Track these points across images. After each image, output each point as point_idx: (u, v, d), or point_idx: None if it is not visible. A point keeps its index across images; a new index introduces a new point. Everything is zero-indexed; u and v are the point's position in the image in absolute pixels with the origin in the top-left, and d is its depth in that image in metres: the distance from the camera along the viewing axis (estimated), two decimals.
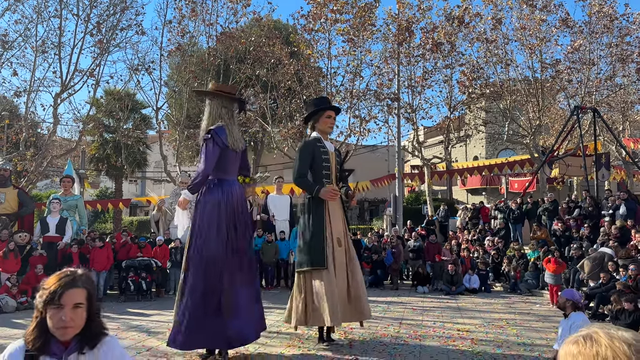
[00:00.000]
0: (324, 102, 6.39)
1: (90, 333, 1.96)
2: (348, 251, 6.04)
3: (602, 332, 1.16)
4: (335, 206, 6.04)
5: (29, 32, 15.96)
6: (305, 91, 18.22)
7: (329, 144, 6.30)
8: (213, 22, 18.33)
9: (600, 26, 18.64)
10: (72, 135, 22.33)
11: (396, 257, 12.61)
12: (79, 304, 1.90)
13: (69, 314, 1.87)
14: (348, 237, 6.18)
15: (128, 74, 18.22)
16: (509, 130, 20.35)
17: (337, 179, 6.25)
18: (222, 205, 5.29)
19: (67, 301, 1.87)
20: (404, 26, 18.04)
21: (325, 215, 5.90)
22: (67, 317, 1.86)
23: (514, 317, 8.31)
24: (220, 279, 5.11)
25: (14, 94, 16.31)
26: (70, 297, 1.88)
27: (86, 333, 1.95)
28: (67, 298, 1.87)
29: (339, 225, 6.00)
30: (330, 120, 6.20)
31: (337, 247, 5.86)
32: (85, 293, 1.94)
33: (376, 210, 31.18)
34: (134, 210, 34.56)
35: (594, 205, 13.34)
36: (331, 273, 5.69)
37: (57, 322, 1.87)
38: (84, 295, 1.93)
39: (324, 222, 5.86)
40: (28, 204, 11.10)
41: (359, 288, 5.96)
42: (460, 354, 5.69)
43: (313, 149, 6.00)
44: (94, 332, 1.97)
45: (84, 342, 1.95)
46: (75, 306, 1.89)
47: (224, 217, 5.26)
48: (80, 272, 1.99)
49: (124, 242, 11.20)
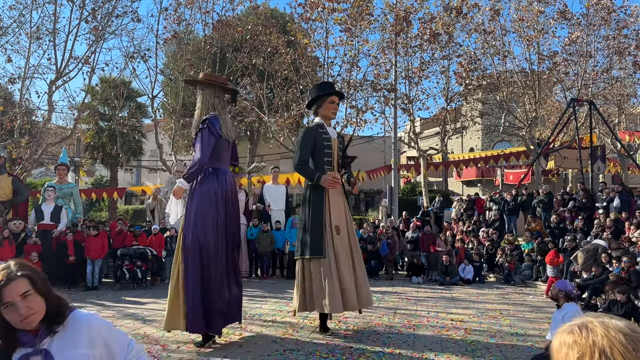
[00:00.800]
0: (328, 87, 6.30)
1: (52, 312, 1.91)
2: (351, 238, 5.96)
3: (596, 321, 1.16)
4: (336, 194, 5.96)
5: (23, 18, 15.80)
6: (302, 81, 18.14)
7: (332, 129, 6.19)
8: (209, 10, 18.20)
9: (597, 18, 18.60)
10: (67, 123, 22.27)
11: (391, 248, 12.65)
12: (25, 292, 1.83)
13: (22, 305, 1.81)
14: (351, 225, 6.09)
15: (123, 61, 18.09)
16: (505, 122, 20.35)
17: (339, 166, 6.14)
18: (219, 194, 5.36)
19: (12, 296, 1.81)
20: (401, 16, 17.95)
21: (325, 203, 5.85)
22: (22, 309, 1.81)
23: (508, 308, 8.37)
24: (217, 268, 5.30)
25: (9, 80, 16.18)
26: (12, 291, 1.81)
27: (48, 313, 1.90)
28: (9, 293, 1.81)
29: (339, 213, 5.92)
30: (334, 105, 6.10)
31: (336, 235, 5.79)
32: (26, 280, 1.86)
33: (372, 201, 31.22)
34: (130, 199, 34.48)
35: (588, 197, 13.40)
36: (331, 262, 5.67)
37: (17, 318, 1.81)
38: (26, 283, 1.85)
39: (323, 210, 5.81)
40: (22, 191, 11.05)
41: (363, 277, 5.93)
42: (454, 344, 5.73)
43: (315, 135, 5.91)
44: (54, 309, 1.91)
45: (51, 323, 1.90)
46: (24, 296, 1.82)
47: (222, 206, 5.36)
48: (13, 263, 1.92)
49: (119, 230, 11.19)
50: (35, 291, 1.86)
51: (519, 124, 20.39)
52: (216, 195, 5.37)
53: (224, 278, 5.36)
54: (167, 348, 5.34)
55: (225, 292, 5.35)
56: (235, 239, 5.63)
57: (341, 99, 6.44)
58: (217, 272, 5.29)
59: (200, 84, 5.64)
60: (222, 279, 5.35)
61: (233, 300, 5.49)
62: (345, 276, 5.71)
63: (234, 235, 5.56)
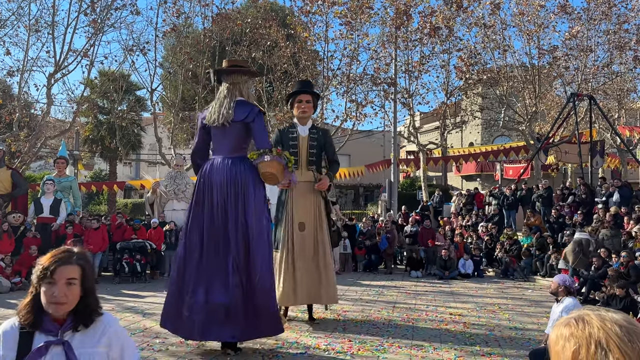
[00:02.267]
0: (297, 86, 6.44)
1: (85, 311, 1.95)
2: (317, 235, 6.06)
3: (593, 314, 1.16)
4: (304, 191, 6.06)
5: (22, 11, 15.73)
6: (302, 74, 18.08)
7: (304, 128, 6.26)
8: (209, 3, 18.11)
9: (598, 13, 18.53)
10: (66, 116, 22.17)
11: (391, 242, 12.67)
12: (71, 279, 1.88)
13: (61, 289, 1.86)
14: (320, 222, 6.12)
15: (122, 54, 18.05)
16: (505, 117, 20.32)
17: (308, 163, 6.25)
18: (199, 185, 5.03)
19: (59, 277, 1.86)
20: (402, 10, 17.88)
21: (287, 200, 6.06)
22: (59, 292, 1.86)
23: (506, 302, 8.39)
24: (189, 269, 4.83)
25: (7, 73, 16.13)
26: (63, 272, 1.87)
27: (80, 311, 1.94)
28: (60, 274, 1.87)
29: (306, 210, 6.05)
30: (301, 105, 6.20)
31: (298, 232, 5.98)
32: (80, 270, 1.92)
33: (371, 195, 31.21)
34: (129, 193, 34.45)
35: (588, 192, 13.41)
36: (288, 256, 5.91)
37: (50, 297, 1.86)
38: (78, 272, 1.91)
39: (285, 207, 6.05)
40: (21, 184, 11.04)
41: (327, 274, 6.05)
42: (453, 337, 5.75)
43: (280, 136, 6.25)
44: (88, 310, 1.96)
45: (78, 320, 1.94)
46: (68, 282, 1.88)
47: (206, 200, 4.91)
48: (77, 250, 1.99)
49: (118, 223, 11.19)
50: (80, 284, 1.91)
51: (519, 119, 20.36)
52: (197, 191, 5.03)
53: (197, 281, 4.74)
54: (166, 342, 5.36)
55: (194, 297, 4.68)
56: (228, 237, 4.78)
57: (313, 95, 6.37)
58: (189, 274, 4.79)
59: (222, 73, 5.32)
60: (194, 281, 4.74)
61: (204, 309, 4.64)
62: (300, 271, 5.88)
63: (227, 233, 4.78)
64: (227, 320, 4.63)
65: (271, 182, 5.11)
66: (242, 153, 5.08)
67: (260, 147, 4.92)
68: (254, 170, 4.96)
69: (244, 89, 5.16)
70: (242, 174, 4.89)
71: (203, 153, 5.32)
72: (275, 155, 4.88)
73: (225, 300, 4.64)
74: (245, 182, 4.88)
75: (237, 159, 4.98)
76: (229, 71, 5.17)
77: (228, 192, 4.86)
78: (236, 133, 4.98)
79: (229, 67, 5.23)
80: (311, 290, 5.96)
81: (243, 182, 4.88)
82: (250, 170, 4.95)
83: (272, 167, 4.85)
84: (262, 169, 4.89)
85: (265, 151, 4.87)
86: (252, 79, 5.59)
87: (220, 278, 4.71)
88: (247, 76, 5.30)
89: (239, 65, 5.38)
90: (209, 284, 4.72)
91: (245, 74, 5.26)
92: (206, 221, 4.85)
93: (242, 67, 5.34)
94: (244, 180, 4.88)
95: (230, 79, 5.11)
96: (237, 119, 4.90)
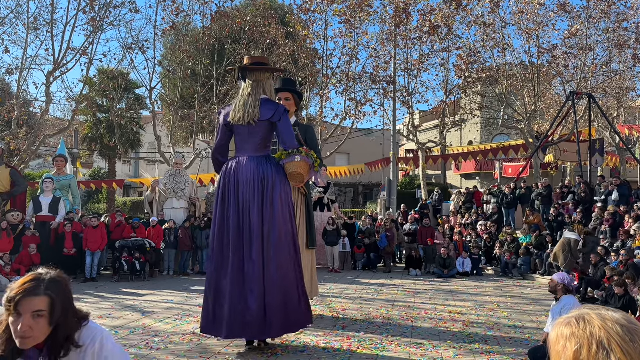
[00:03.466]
0: (278, 85, 6.38)
1: (56, 343, 1.80)
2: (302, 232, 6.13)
3: (593, 313, 1.16)
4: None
5: (20, 9, 15.67)
6: (301, 73, 18.08)
7: None
8: (208, 1, 18.07)
9: (597, 11, 18.53)
10: (65, 114, 22.13)
11: (390, 241, 12.68)
12: (38, 311, 1.74)
13: (26, 323, 1.73)
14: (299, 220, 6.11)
15: (121, 52, 17.99)
16: (504, 115, 20.33)
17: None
18: (224, 183, 5.00)
19: (25, 309, 1.73)
20: (401, 8, 17.87)
21: None
22: (22, 326, 1.72)
23: (506, 301, 8.40)
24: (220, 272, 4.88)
25: (6, 71, 16.07)
26: (28, 305, 1.73)
27: (53, 343, 1.80)
28: (25, 306, 1.73)
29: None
30: (280, 102, 6.21)
31: None
32: (48, 300, 1.75)
33: (370, 194, 31.22)
34: (128, 191, 34.44)
35: (588, 190, 13.41)
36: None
37: (15, 331, 1.74)
38: (46, 303, 1.75)
39: None
40: (20, 183, 11.03)
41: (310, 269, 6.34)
42: (452, 336, 5.75)
43: None
44: (59, 343, 1.81)
45: (51, 353, 1.81)
46: (35, 314, 1.73)
47: (230, 199, 4.90)
48: (48, 277, 1.81)
49: (118, 222, 11.19)
50: (48, 316, 1.76)
51: (518, 117, 20.36)
52: (222, 189, 5.00)
53: (228, 283, 4.76)
54: (165, 340, 5.36)
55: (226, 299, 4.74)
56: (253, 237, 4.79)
57: (298, 95, 6.46)
58: (220, 276, 4.85)
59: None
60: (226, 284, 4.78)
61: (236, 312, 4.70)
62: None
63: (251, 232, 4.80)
64: (259, 321, 4.68)
65: (296, 182, 5.11)
66: (267, 152, 5.07)
67: (289, 147, 4.89)
68: (281, 170, 4.96)
69: (267, 87, 5.11)
70: (270, 173, 4.89)
71: (225, 151, 5.30)
72: (305, 156, 4.88)
73: (255, 303, 4.68)
74: (273, 181, 4.88)
75: (263, 157, 4.98)
76: (253, 68, 5.10)
77: (255, 190, 4.84)
78: (262, 132, 4.94)
79: (253, 63, 5.15)
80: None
81: (271, 181, 4.87)
82: (277, 169, 4.95)
83: (301, 167, 4.87)
84: (290, 168, 4.89)
85: (295, 151, 4.86)
86: (273, 75, 5.51)
87: (249, 281, 4.72)
88: (269, 73, 5.25)
89: (263, 62, 5.31)
90: (239, 288, 4.73)
91: (267, 70, 5.23)
92: (232, 220, 4.84)
93: (266, 64, 5.32)
94: (271, 179, 4.88)
95: (254, 77, 5.05)
96: (264, 118, 4.87)
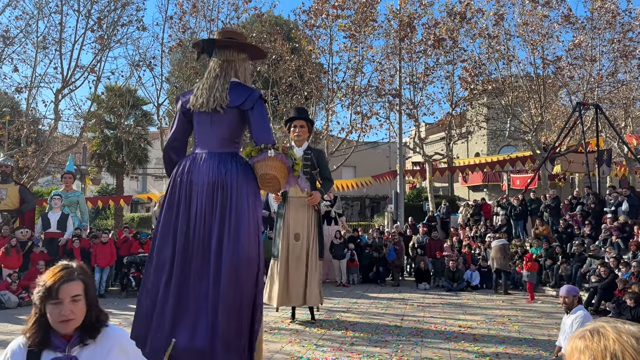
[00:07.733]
0: (293, 114, 7.12)
1: (90, 324, 1.97)
2: (309, 244, 6.74)
3: (609, 326, 1.14)
4: (299, 205, 6.76)
5: (29, 28, 15.92)
6: (307, 87, 18.17)
7: (299, 149, 6.85)
8: (214, 18, 18.26)
9: (602, 22, 18.55)
10: (73, 131, 22.29)
11: (398, 254, 12.61)
12: (76, 296, 1.90)
13: (68, 307, 1.87)
14: (313, 233, 6.79)
15: (129, 70, 18.19)
16: (510, 127, 20.29)
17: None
18: (173, 185, 3.86)
19: (64, 295, 1.87)
20: (405, 22, 17.98)
21: (284, 214, 6.81)
22: (66, 310, 1.86)
23: (516, 314, 8.30)
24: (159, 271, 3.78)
25: (15, 90, 16.28)
26: (67, 290, 1.88)
27: (86, 324, 1.95)
28: (65, 292, 1.88)
29: (301, 222, 6.79)
30: (295, 130, 6.90)
31: (293, 241, 6.73)
32: (82, 285, 1.94)
33: (377, 206, 31.16)
34: (135, 207, 34.59)
35: (597, 202, 13.30)
36: (281, 263, 6.65)
37: (57, 316, 1.86)
38: (81, 287, 1.93)
39: (282, 219, 6.82)
40: (29, 200, 11.09)
41: (314, 280, 6.70)
42: (463, 351, 5.68)
43: None
44: (93, 322, 1.98)
45: (85, 334, 1.95)
46: (73, 299, 1.89)
47: (174, 198, 3.81)
48: (75, 265, 2.00)
49: (125, 237, 11.20)
50: (85, 298, 1.93)
51: (525, 129, 20.31)
52: (170, 193, 3.85)
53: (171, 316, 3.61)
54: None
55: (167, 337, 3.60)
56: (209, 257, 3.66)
57: (311, 123, 7.16)
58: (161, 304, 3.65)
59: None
60: (169, 317, 3.61)
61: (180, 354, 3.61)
62: (293, 276, 6.65)
63: (206, 251, 3.66)
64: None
65: (270, 189, 3.92)
66: (233, 148, 3.92)
67: (261, 142, 3.74)
68: (250, 172, 3.82)
69: (240, 69, 4.02)
70: (234, 175, 3.73)
71: (180, 147, 4.13)
72: (281, 153, 3.73)
73: (203, 343, 3.54)
74: (237, 186, 3.71)
75: (227, 155, 3.82)
76: (223, 44, 4.00)
77: (214, 198, 3.69)
78: (228, 122, 3.83)
79: (224, 39, 4.05)
80: (300, 293, 6.65)
81: (234, 186, 3.70)
82: (244, 170, 3.80)
83: (275, 167, 3.69)
84: (261, 169, 3.72)
85: (268, 147, 3.70)
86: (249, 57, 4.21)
87: (196, 314, 3.59)
88: (245, 54, 4.10)
89: (236, 38, 4.13)
90: (184, 322, 3.58)
91: (243, 50, 4.08)
92: (179, 233, 3.72)
93: (240, 41, 4.09)
94: (235, 183, 3.71)
95: (224, 55, 3.97)
96: (233, 105, 3.78)
